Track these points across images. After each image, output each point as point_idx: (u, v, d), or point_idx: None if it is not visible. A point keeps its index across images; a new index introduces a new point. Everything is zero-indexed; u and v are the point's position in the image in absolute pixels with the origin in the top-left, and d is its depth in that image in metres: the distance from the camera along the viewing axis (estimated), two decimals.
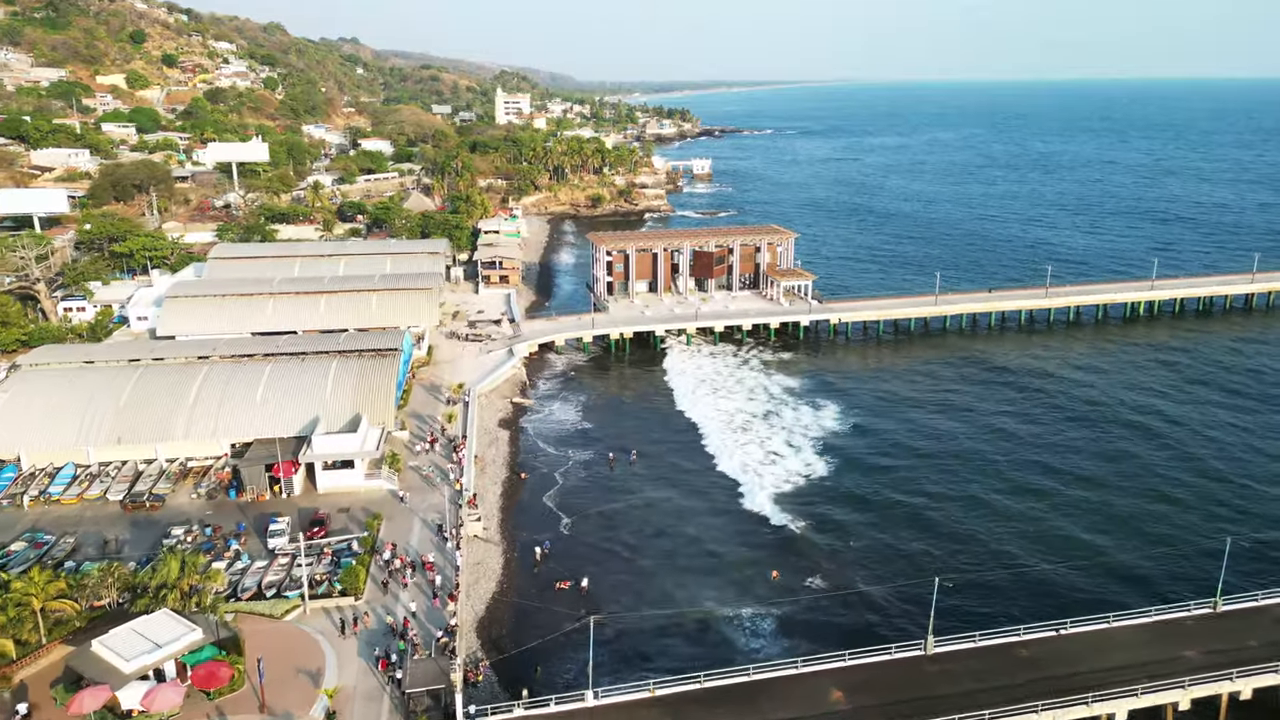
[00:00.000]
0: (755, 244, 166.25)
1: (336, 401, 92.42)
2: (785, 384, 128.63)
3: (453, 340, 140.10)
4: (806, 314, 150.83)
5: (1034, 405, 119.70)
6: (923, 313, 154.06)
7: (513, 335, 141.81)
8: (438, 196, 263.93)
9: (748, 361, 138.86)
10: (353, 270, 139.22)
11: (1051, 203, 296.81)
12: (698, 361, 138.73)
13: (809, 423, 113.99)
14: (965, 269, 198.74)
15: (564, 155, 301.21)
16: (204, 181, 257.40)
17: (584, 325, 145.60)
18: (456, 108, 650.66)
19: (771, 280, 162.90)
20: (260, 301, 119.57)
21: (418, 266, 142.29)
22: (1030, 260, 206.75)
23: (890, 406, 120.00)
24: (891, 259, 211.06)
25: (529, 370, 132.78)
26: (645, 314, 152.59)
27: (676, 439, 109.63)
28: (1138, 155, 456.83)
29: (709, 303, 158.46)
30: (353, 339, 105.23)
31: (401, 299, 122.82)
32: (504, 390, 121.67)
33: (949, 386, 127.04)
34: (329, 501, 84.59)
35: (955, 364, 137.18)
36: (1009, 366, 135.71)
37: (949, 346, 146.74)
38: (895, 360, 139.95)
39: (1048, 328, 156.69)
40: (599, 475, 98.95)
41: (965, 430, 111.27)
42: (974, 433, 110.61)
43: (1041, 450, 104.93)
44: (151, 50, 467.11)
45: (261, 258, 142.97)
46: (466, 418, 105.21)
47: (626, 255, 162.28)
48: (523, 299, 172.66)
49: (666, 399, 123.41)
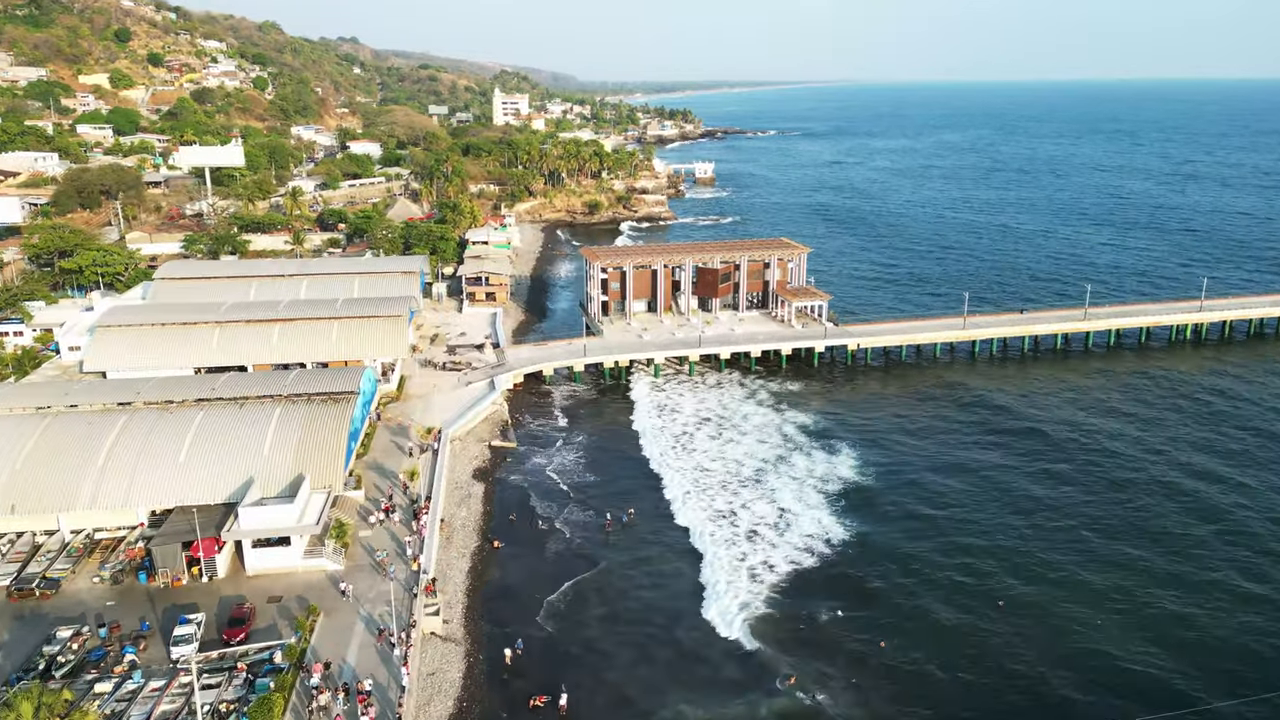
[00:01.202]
0: (764, 259, 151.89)
1: (276, 459, 78.09)
2: (798, 421, 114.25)
3: (428, 369, 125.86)
4: (821, 339, 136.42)
5: (1080, 459, 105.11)
6: (949, 337, 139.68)
7: (495, 364, 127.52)
8: (426, 203, 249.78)
9: (755, 394, 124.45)
10: (316, 293, 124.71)
11: (1070, 210, 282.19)
12: (700, 395, 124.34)
13: (824, 471, 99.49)
14: (987, 283, 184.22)
15: (560, 159, 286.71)
16: (178, 187, 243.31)
17: (575, 352, 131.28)
18: (453, 108, 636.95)
19: (782, 300, 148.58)
20: (204, 331, 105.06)
21: (389, 288, 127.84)
22: (1057, 275, 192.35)
23: (916, 451, 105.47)
24: (907, 274, 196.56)
25: (513, 405, 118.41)
26: (643, 338, 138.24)
27: (680, 489, 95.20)
28: (1155, 160, 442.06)
29: (713, 325, 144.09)
30: (303, 379, 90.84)
31: (367, 328, 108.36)
32: (482, 432, 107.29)
33: (981, 430, 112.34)
34: (259, 587, 70.28)
35: (987, 399, 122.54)
36: (1048, 404, 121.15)
37: (979, 377, 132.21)
38: (920, 393, 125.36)
39: (1085, 354, 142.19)
40: (590, 542, 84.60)
41: (1004, 487, 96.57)
42: (1013, 489, 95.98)
43: (1102, 524, 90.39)
44: (137, 49, 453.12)
45: (214, 278, 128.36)
46: (434, 470, 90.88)
47: (623, 273, 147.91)
48: (510, 319, 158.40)
49: (667, 440, 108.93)
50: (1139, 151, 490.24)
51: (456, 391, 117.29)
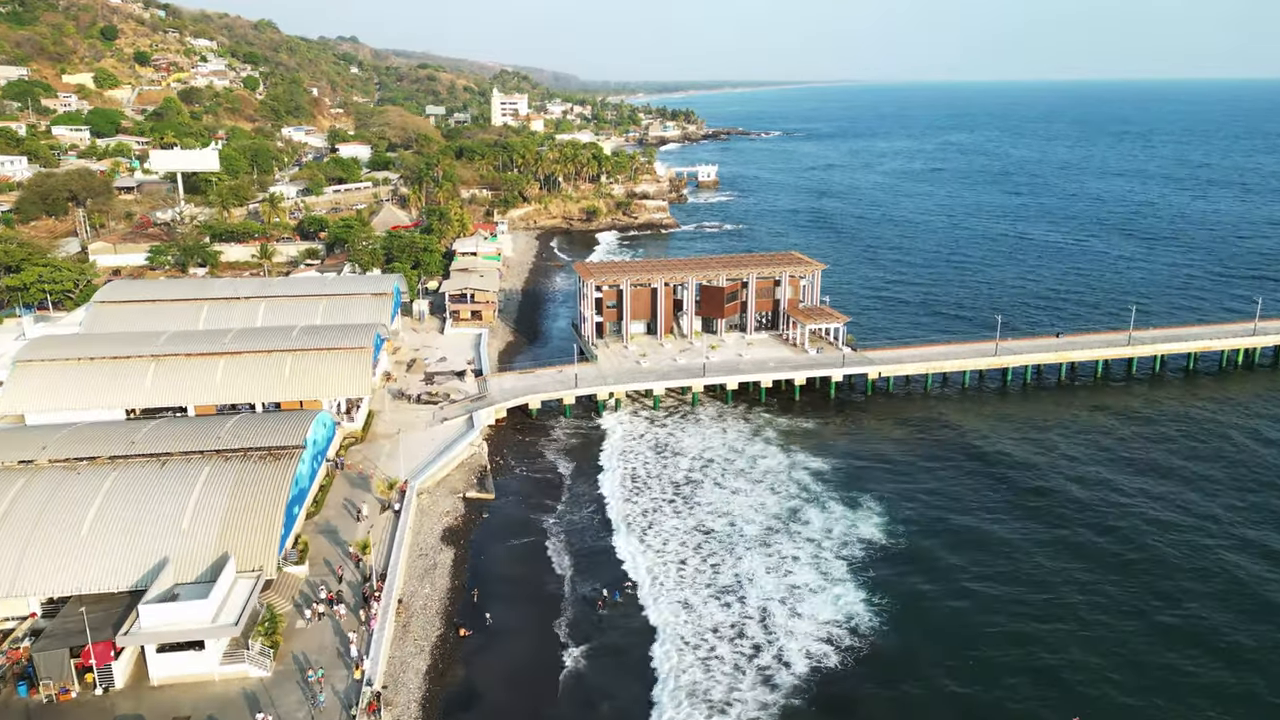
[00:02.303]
0: (774, 276, 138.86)
1: (198, 534, 65.16)
2: (812, 466, 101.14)
3: (401, 402, 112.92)
4: (839, 366, 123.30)
5: (1151, 527, 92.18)
6: (979, 364, 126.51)
7: (476, 396, 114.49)
8: (414, 209, 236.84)
9: (764, 431, 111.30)
10: (275, 318, 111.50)
11: (1091, 217, 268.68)
12: (704, 432, 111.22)
13: (844, 531, 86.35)
14: (1011, 299, 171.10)
15: (556, 163, 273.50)
16: (152, 192, 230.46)
17: (565, 382, 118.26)
18: (451, 109, 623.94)
19: (793, 320, 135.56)
20: (137, 367, 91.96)
21: (358, 313, 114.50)
22: (1086, 291, 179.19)
23: (953, 505, 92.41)
24: (924, 290, 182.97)
25: (493, 445, 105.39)
26: (641, 365, 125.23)
27: (677, 557, 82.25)
28: (1171, 164, 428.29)
29: (719, 349, 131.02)
30: (242, 428, 77.82)
31: (326, 362, 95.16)
32: (456, 481, 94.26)
33: (1027, 479, 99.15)
34: (165, 702, 57.38)
35: (1029, 440, 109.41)
36: (1099, 449, 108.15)
37: (1015, 410, 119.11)
38: (952, 430, 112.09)
39: (1127, 382, 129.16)
40: (579, 626, 71.52)
41: (1066, 554, 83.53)
42: (1077, 555, 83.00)
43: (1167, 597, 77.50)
44: (124, 47, 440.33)
45: (160, 301, 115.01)
46: (394, 536, 77.85)
47: (620, 291, 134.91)
48: (497, 339, 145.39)
49: (662, 489, 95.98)
50: (1153, 154, 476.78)
51: (430, 430, 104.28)
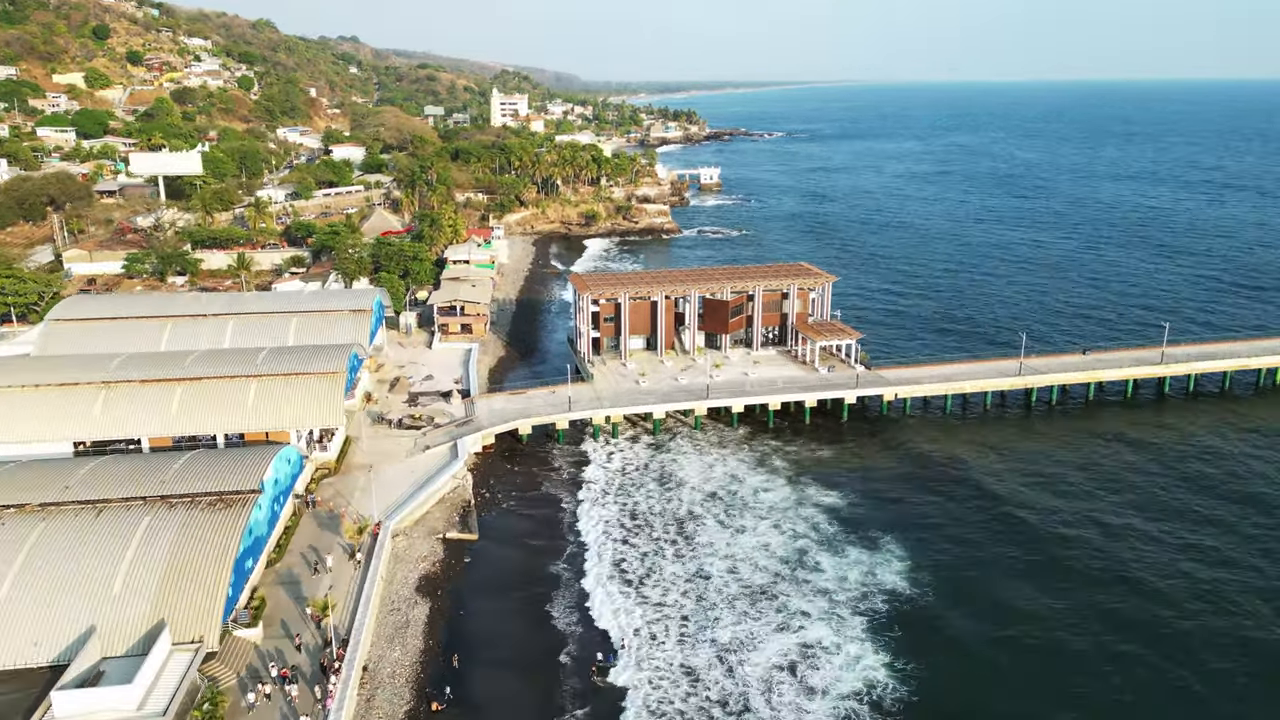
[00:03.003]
0: (782, 289, 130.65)
1: (130, 598, 57.16)
2: (823, 501, 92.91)
3: (381, 428, 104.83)
4: (852, 387, 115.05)
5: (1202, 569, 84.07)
6: (1001, 385, 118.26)
7: (462, 420, 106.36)
8: (407, 213, 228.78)
9: (772, 459, 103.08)
10: (243, 337, 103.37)
11: (1103, 222, 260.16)
12: (706, 460, 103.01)
13: (861, 579, 77.89)
14: (1029, 311, 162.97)
15: (554, 165, 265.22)
16: (135, 196, 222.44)
17: (558, 404, 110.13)
18: (450, 109, 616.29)
19: (803, 336, 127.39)
20: (86, 395, 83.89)
21: (334, 331, 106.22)
22: (1106, 304, 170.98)
23: (983, 545, 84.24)
24: (936, 302, 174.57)
25: (479, 476, 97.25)
26: (640, 385, 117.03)
27: (678, 610, 74.14)
28: (1182, 166, 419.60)
29: (723, 368, 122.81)
30: (192, 468, 69.71)
31: (294, 389, 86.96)
32: (435, 519, 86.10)
33: (1057, 516, 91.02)
34: None
35: (1062, 469, 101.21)
36: (1129, 485, 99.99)
37: (1044, 438, 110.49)
38: (974, 460, 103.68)
39: (1159, 403, 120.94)
40: (568, 698, 63.41)
41: (1097, 611, 75.52)
42: (1137, 602, 74.93)
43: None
44: (116, 47, 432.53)
45: (120, 319, 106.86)
46: (362, 588, 69.72)
47: (618, 304, 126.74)
48: (489, 355, 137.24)
49: (663, 528, 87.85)
50: (1162, 156, 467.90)
51: (411, 460, 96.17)
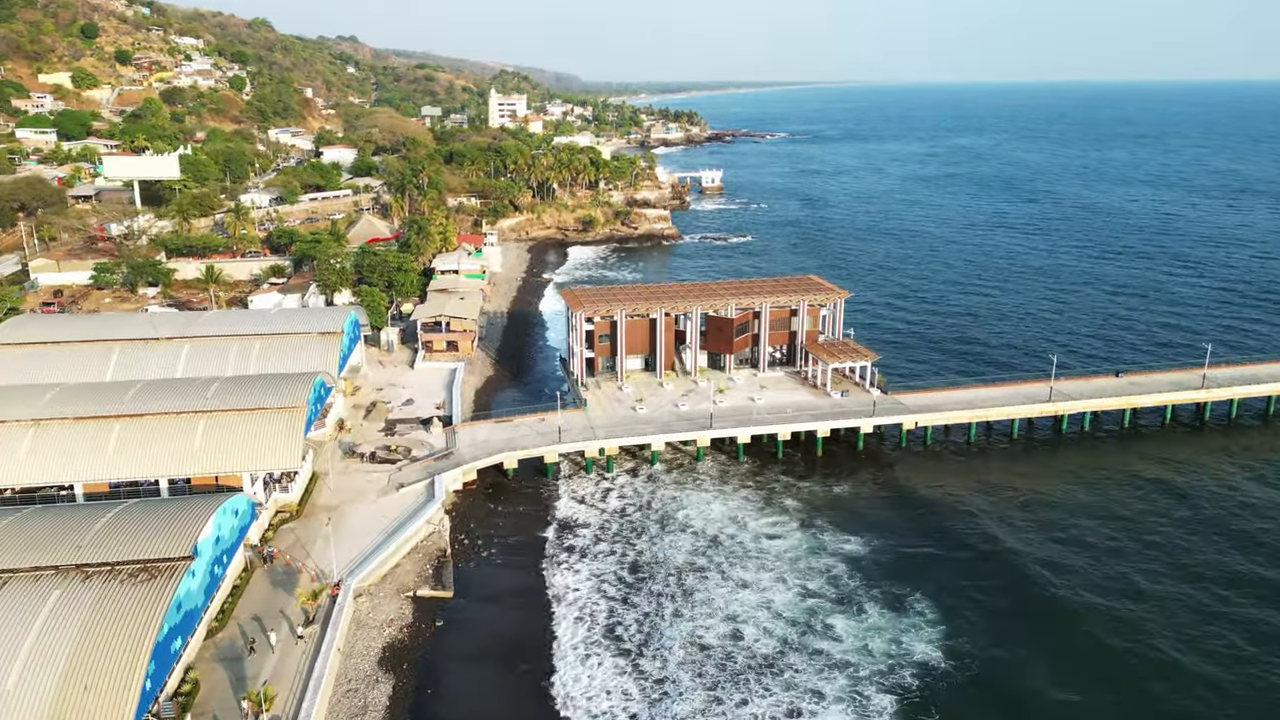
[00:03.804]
0: (790, 306, 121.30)
1: (27, 695, 47.87)
2: (841, 549, 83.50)
3: (352, 461, 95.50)
4: (868, 415, 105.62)
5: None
6: (1029, 412, 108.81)
7: (442, 452, 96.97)
8: (396, 219, 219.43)
9: (779, 498, 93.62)
10: (198, 364, 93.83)
11: (1116, 228, 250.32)
12: (707, 499, 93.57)
13: (885, 647, 68.28)
14: (1048, 328, 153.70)
15: (550, 169, 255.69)
16: (113, 201, 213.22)
17: (548, 434, 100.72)
18: (448, 110, 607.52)
19: (813, 356, 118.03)
20: (13, 434, 74.37)
21: (299, 356, 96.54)
22: (1129, 318, 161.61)
23: (1025, 606, 74.82)
24: (951, 318, 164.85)
25: (457, 518, 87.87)
26: (637, 411, 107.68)
27: (677, 688, 64.80)
28: (1193, 169, 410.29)
29: (727, 393, 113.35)
30: (116, 527, 60.32)
31: (246, 427, 77.55)
32: (405, 573, 76.67)
33: (1108, 568, 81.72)
34: None
35: (1101, 513, 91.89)
36: (1175, 545, 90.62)
37: (1075, 470, 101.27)
38: (1009, 498, 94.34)
39: (1200, 430, 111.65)
40: None
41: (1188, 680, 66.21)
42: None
43: None
44: (104, 46, 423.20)
45: (64, 343, 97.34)
46: (314, 666, 60.37)
47: (614, 323, 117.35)
48: (475, 375, 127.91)
49: (663, 580, 78.50)
50: (1171, 159, 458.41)
51: (382, 500, 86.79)
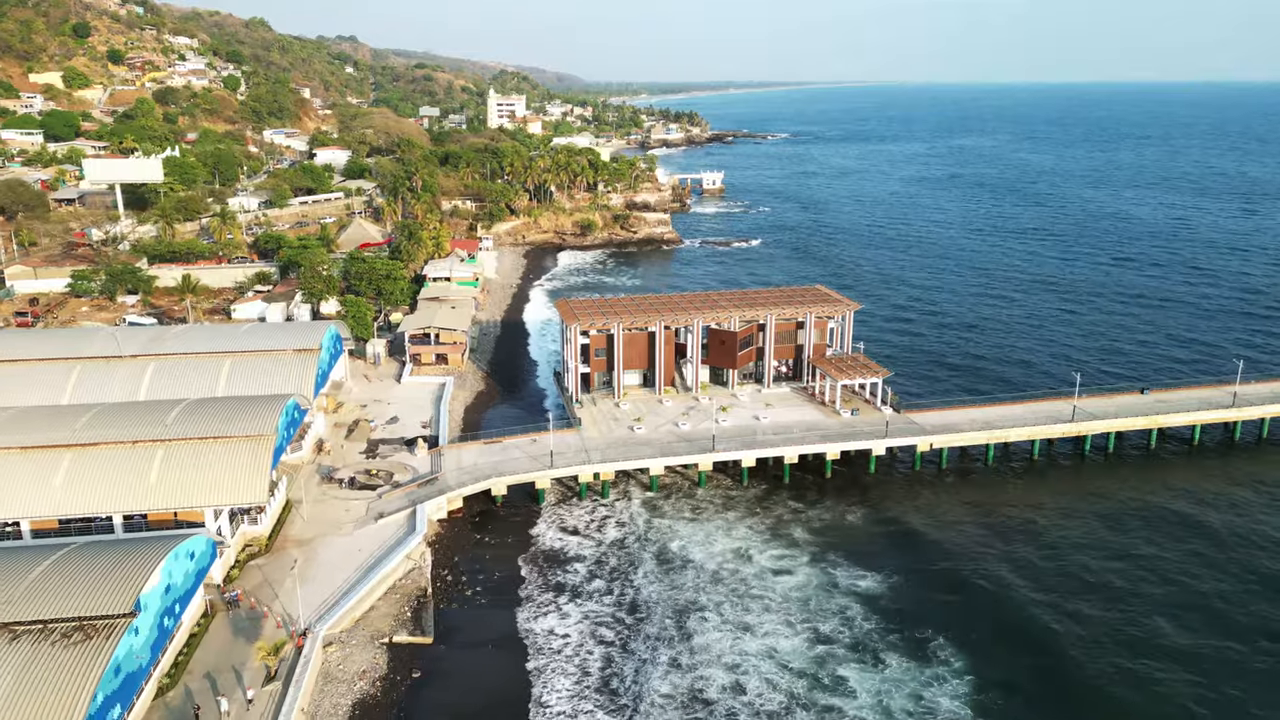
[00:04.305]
0: (797, 318, 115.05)
1: None
2: (853, 584, 77.37)
3: (330, 488, 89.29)
4: (881, 436, 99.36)
5: None
6: (1051, 432, 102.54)
7: (425, 477, 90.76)
8: (389, 223, 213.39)
9: (787, 527, 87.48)
10: (163, 384, 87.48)
11: (1130, 234, 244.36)
12: (709, 529, 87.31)
13: (906, 704, 62.08)
14: (1061, 339, 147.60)
15: (547, 171, 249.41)
16: (97, 205, 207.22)
17: (540, 456, 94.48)
18: (447, 110, 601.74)
19: (820, 371, 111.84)
20: None
21: (272, 375, 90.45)
22: (1147, 329, 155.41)
23: (1060, 653, 68.63)
24: (961, 331, 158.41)
25: (441, 552, 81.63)
26: (635, 431, 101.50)
27: None
28: (1201, 171, 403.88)
29: (731, 411, 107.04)
30: (53, 577, 54.16)
31: (210, 457, 71.20)
32: (381, 616, 70.39)
33: (1129, 609, 75.60)
34: None
35: (1127, 541, 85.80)
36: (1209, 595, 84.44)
37: (1102, 494, 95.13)
38: (1038, 528, 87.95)
39: (1228, 450, 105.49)
40: None
41: None
42: None
43: None
44: (96, 45, 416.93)
45: (19, 361, 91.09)
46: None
47: (610, 337, 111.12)
48: (466, 389, 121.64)
49: (663, 623, 72.30)
50: (1178, 161, 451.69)
51: (361, 532, 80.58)
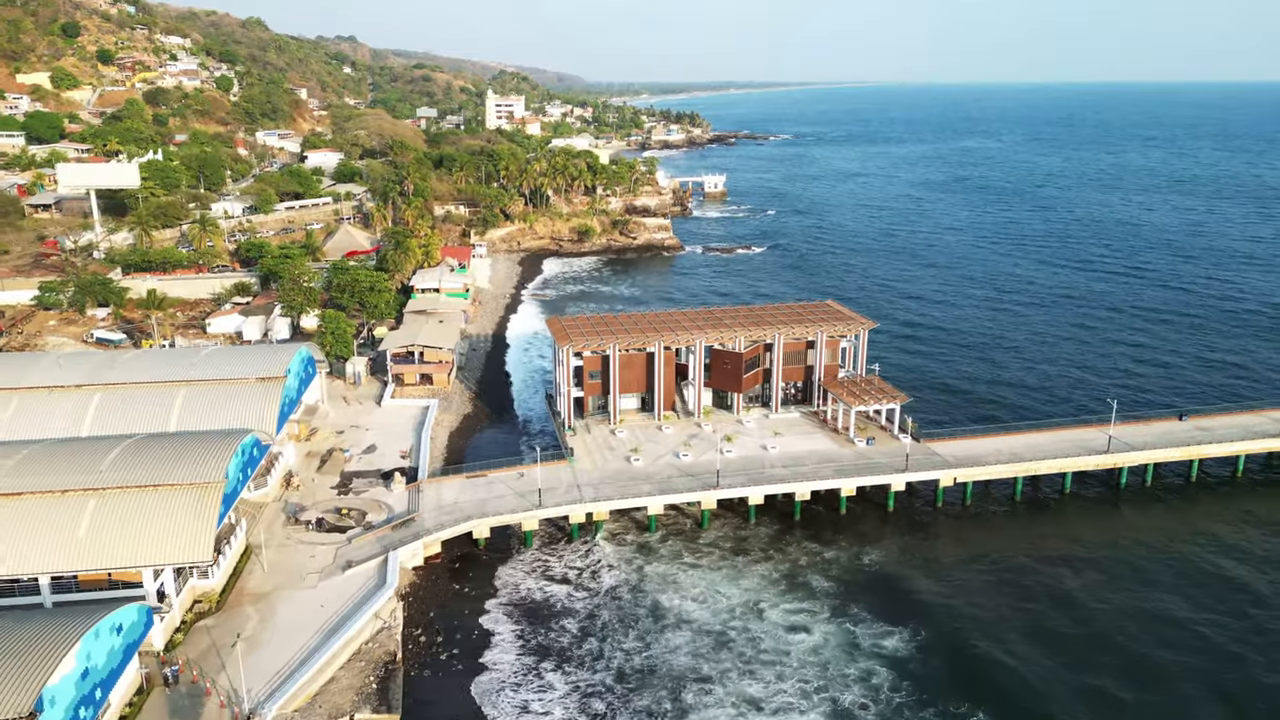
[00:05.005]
0: (807, 337, 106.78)
1: None
2: (877, 644, 69.28)
3: (295, 530, 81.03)
4: (900, 470, 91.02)
5: None
6: (1084, 465, 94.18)
7: (401, 519, 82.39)
8: (378, 229, 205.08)
9: (802, 575, 79.30)
10: (109, 418, 79.02)
11: (1148, 242, 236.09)
12: (710, 577, 79.01)
13: None
14: (1089, 358, 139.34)
15: (544, 175, 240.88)
16: (75, 211, 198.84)
17: (528, 492, 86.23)
18: (445, 111, 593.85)
19: (831, 395, 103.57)
20: None
21: (229, 409, 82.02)
22: (1179, 349, 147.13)
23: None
24: (973, 343, 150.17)
25: (415, 606, 73.36)
26: (632, 463, 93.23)
27: None
28: (1213, 172, 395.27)
29: (736, 441, 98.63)
30: None
31: (147, 509, 62.62)
32: (342, 689, 62.06)
33: (1174, 685, 67.38)
34: None
35: (1166, 607, 77.56)
36: None
37: (1138, 535, 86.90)
38: (1066, 575, 79.85)
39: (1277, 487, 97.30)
40: None
41: None
42: None
43: None
44: (86, 45, 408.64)
45: None
46: None
47: (606, 359, 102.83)
48: (451, 413, 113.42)
49: (658, 697, 64.06)
50: (1190, 163, 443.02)
51: (327, 584, 72.30)
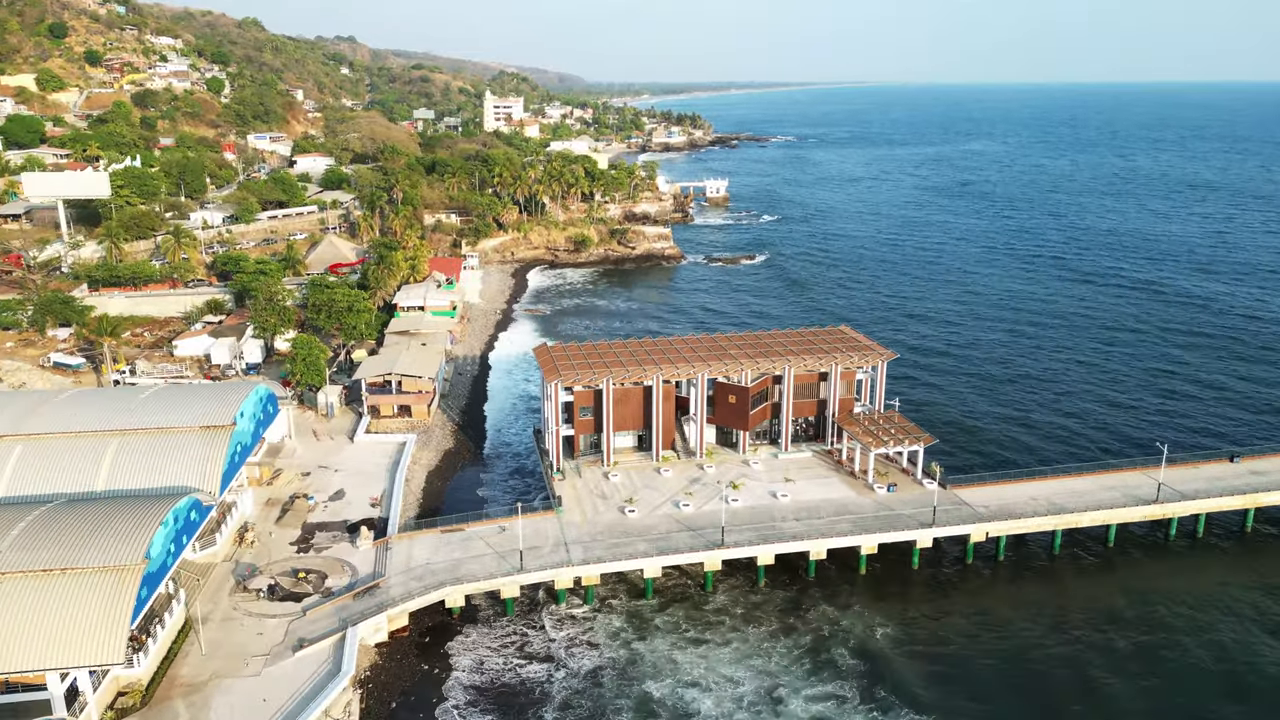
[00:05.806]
0: (819, 369, 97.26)
1: None
2: None
3: (243, 598, 71.55)
4: (927, 524, 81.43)
5: None
6: (1129, 516, 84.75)
7: (365, 584, 72.85)
8: (365, 239, 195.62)
9: (825, 650, 69.84)
10: (27, 477, 68.29)
11: (1165, 247, 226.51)
12: (717, 653, 69.46)
13: None
14: (1122, 386, 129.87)
15: (539, 182, 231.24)
16: (46, 221, 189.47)
17: (509, 550, 76.75)
18: (443, 112, 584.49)
19: (848, 433, 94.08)
20: None
21: (166, 464, 72.21)
22: (1225, 377, 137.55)
23: None
24: (994, 369, 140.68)
25: (373, 696, 63.80)
26: (627, 515, 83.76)
27: None
28: (1226, 176, 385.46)
29: (744, 487, 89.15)
30: None
31: (51, 599, 52.68)
32: None
33: None
34: None
35: (1236, 685, 68.10)
36: None
37: (1195, 596, 77.41)
38: (1119, 644, 70.34)
39: None
40: None
41: None
42: None
43: None
44: (74, 46, 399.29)
45: None
46: None
47: (598, 394, 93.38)
48: (431, 449, 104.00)
49: None
50: (1201, 166, 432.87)
51: (273, 670, 62.84)
